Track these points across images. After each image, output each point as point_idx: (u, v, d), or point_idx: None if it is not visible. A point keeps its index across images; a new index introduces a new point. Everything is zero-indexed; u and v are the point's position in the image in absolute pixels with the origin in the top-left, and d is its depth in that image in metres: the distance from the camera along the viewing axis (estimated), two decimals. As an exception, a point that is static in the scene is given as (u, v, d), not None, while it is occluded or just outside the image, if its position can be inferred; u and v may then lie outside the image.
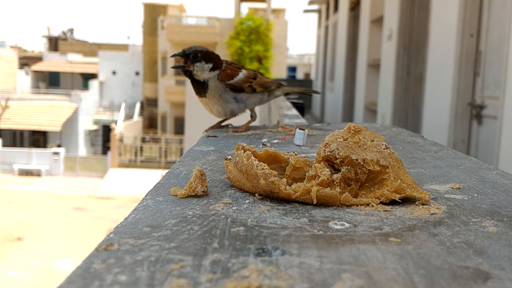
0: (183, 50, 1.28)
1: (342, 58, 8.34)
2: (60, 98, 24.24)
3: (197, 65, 1.27)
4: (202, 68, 1.28)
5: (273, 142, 1.11)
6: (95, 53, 28.81)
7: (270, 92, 1.41)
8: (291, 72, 29.69)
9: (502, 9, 3.06)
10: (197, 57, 1.27)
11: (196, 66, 1.27)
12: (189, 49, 1.28)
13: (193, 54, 1.26)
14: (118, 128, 20.92)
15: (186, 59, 1.27)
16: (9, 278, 10.41)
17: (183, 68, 1.28)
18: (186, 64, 1.27)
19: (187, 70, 1.28)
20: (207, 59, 1.28)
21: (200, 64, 1.27)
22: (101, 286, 0.34)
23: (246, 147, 0.67)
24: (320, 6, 12.10)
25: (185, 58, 1.27)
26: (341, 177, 0.58)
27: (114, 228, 0.46)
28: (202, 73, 1.28)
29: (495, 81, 3.15)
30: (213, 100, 1.32)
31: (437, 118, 3.86)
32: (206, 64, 1.28)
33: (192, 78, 1.30)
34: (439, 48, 3.86)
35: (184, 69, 1.28)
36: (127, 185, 18.07)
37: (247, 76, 1.34)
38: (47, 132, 23.32)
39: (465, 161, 0.87)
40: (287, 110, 3.12)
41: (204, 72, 1.28)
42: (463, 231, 0.47)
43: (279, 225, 0.48)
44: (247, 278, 0.35)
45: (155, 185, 0.65)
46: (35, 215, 14.49)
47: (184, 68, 1.28)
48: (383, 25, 5.51)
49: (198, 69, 1.28)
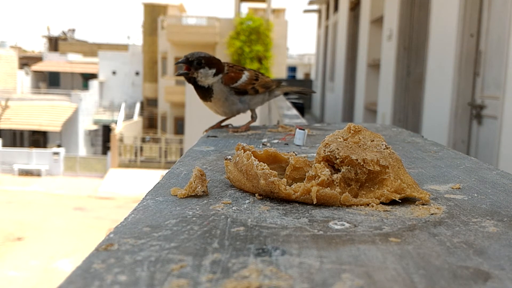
0: (186, 57, 1.26)
1: (342, 58, 8.34)
2: (60, 98, 24.24)
3: (201, 72, 1.26)
4: (206, 74, 1.27)
5: (273, 142, 1.11)
6: (95, 53, 28.81)
7: (271, 92, 1.42)
8: (291, 72, 29.68)
9: (502, 9, 3.06)
10: (200, 63, 1.26)
11: (200, 73, 1.26)
12: (192, 56, 1.27)
13: (197, 60, 1.25)
14: (118, 128, 20.92)
15: (189, 66, 1.26)
16: (9, 278, 10.41)
17: (186, 75, 1.27)
18: (190, 71, 1.26)
19: (191, 77, 1.27)
20: (210, 64, 1.27)
21: (203, 71, 1.26)
22: (101, 286, 0.34)
23: (246, 147, 0.67)
24: (320, 6, 12.10)
25: (188, 65, 1.26)
26: (341, 177, 0.58)
27: (114, 228, 0.46)
28: (206, 79, 1.28)
29: (495, 81, 3.15)
30: (219, 103, 1.32)
31: (437, 118, 3.86)
32: (210, 70, 1.27)
33: (196, 84, 1.29)
34: (439, 48, 3.86)
35: (188, 77, 1.27)
36: (127, 185, 18.07)
37: (249, 78, 1.34)
38: (47, 132, 23.33)
39: (465, 161, 0.87)
40: (287, 110, 3.12)
41: (208, 78, 1.28)
42: (463, 231, 0.47)
43: (279, 225, 0.48)
44: (247, 278, 0.35)
45: (155, 185, 0.65)
46: (35, 215, 14.49)
47: (188, 75, 1.27)
48: (383, 25, 5.51)
49: (202, 75, 1.27)
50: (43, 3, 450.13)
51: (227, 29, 20.11)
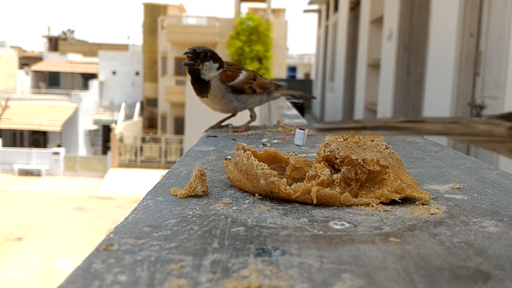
0: (194, 49, 1.29)
1: (342, 58, 8.34)
2: (60, 98, 24.24)
3: (206, 64, 1.29)
4: (210, 67, 1.30)
5: (273, 142, 1.11)
6: (95, 53, 28.81)
7: (269, 93, 1.43)
8: (291, 72, 29.67)
9: (502, 9, 3.06)
10: (206, 56, 1.29)
11: (205, 65, 1.29)
12: (199, 48, 1.30)
13: (203, 53, 1.29)
14: (118, 128, 20.92)
15: (196, 58, 1.29)
16: (9, 278, 10.41)
17: (192, 65, 1.29)
18: (196, 62, 1.29)
19: (196, 69, 1.29)
20: (214, 59, 1.30)
21: (209, 63, 1.29)
22: (101, 286, 0.34)
23: (246, 147, 0.67)
24: (320, 6, 12.10)
25: (195, 56, 1.29)
26: (341, 177, 0.58)
27: (114, 228, 0.46)
28: (210, 71, 1.30)
29: (495, 81, 3.15)
30: (215, 100, 1.34)
31: (437, 118, 3.85)
32: (214, 64, 1.30)
33: (197, 77, 1.31)
34: (439, 48, 3.86)
35: (193, 67, 1.29)
36: (127, 185, 18.06)
37: (247, 77, 1.35)
38: (47, 132, 23.32)
39: (465, 161, 0.87)
40: (287, 110, 3.12)
41: (212, 71, 1.30)
42: (463, 231, 0.47)
43: (279, 225, 0.48)
44: (247, 278, 0.35)
45: (155, 185, 0.65)
46: (35, 215, 14.49)
47: (194, 65, 1.29)
48: (383, 25, 5.51)
49: (207, 67, 1.29)
50: (43, 3, 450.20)
51: (227, 29, 20.11)
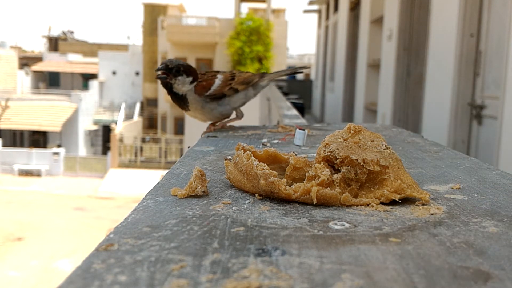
0: (165, 64, 1.28)
1: (342, 58, 8.34)
2: (60, 98, 24.25)
3: (179, 79, 1.27)
4: (183, 82, 1.28)
5: (273, 142, 1.11)
6: (95, 53, 28.81)
7: (255, 86, 1.38)
8: (291, 72, 29.61)
9: (502, 9, 3.06)
10: (179, 70, 1.27)
11: (178, 80, 1.27)
12: (171, 63, 1.28)
13: (176, 68, 1.26)
14: (118, 128, 20.92)
15: (168, 73, 1.27)
16: (9, 278, 10.41)
17: (164, 79, 1.27)
18: (168, 76, 1.27)
19: (168, 83, 1.27)
20: (188, 72, 1.28)
21: (181, 78, 1.27)
22: (101, 286, 0.34)
23: (246, 147, 0.67)
24: (320, 6, 12.10)
25: (167, 72, 1.26)
26: (341, 177, 0.58)
27: (114, 228, 0.46)
28: (183, 86, 1.28)
29: (495, 81, 3.15)
30: (197, 111, 1.32)
31: (437, 118, 3.86)
32: (187, 78, 1.28)
33: (171, 91, 1.29)
34: (439, 48, 3.86)
35: (165, 81, 1.27)
36: (127, 185, 18.07)
37: (224, 81, 1.33)
38: (47, 132, 23.33)
39: (465, 161, 0.87)
40: (287, 110, 3.11)
41: (185, 85, 1.28)
42: (463, 231, 0.47)
43: (279, 225, 0.48)
44: (247, 278, 0.35)
45: (155, 185, 0.65)
46: (35, 215, 14.49)
47: (166, 79, 1.27)
48: (383, 25, 5.51)
49: (180, 82, 1.27)
50: (43, 3, 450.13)
51: (227, 29, 20.10)
